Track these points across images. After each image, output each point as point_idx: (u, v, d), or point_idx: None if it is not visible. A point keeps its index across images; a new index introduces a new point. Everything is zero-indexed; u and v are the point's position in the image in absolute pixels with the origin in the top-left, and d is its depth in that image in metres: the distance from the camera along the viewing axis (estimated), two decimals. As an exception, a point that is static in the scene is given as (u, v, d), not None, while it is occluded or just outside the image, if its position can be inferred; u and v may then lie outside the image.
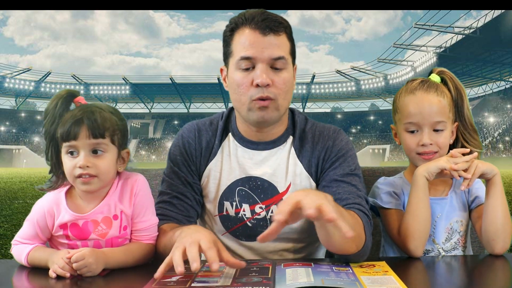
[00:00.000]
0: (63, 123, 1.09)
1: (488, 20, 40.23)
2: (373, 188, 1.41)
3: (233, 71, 1.25)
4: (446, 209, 1.33)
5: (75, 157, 1.09)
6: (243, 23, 1.23)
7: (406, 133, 1.33)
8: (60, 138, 1.09)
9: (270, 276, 0.96)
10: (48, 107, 1.12)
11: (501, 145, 45.90)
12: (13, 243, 1.14)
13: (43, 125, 1.13)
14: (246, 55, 1.20)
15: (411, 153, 1.33)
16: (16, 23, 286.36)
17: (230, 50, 1.26)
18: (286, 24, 1.24)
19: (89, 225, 1.12)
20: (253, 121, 1.26)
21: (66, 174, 1.11)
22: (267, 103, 1.21)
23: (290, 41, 1.27)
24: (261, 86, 1.20)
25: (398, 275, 0.95)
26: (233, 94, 1.27)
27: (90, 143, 1.09)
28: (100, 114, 1.10)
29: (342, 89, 66.82)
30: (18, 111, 68.78)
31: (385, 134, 62.28)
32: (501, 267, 1.15)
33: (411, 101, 1.31)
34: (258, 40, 1.20)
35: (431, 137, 1.29)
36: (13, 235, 5.63)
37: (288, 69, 1.25)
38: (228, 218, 1.35)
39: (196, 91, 67.23)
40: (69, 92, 1.14)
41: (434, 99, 1.29)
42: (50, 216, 1.12)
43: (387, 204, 1.33)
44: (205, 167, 1.36)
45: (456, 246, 1.34)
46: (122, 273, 1.06)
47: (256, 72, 1.20)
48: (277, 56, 1.20)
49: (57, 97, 1.12)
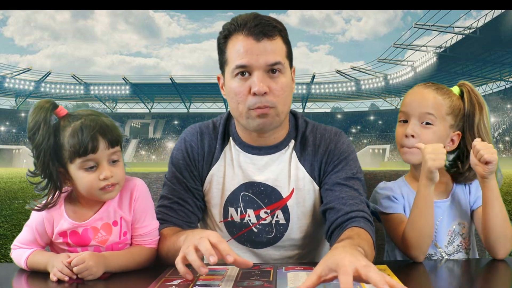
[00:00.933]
0: (70, 137, 1.04)
1: (488, 20, 40.19)
2: (373, 193, 1.41)
3: (230, 80, 1.23)
4: (447, 212, 1.32)
5: (93, 170, 1.06)
6: (235, 29, 1.20)
7: (398, 124, 1.34)
8: (73, 154, 1.04)
9: (271, 279, 0.96)
10: (36, 120, 1.03)
11: (501, 145, 45.98)
12: (12, 247, 1.14)
13: (33, 142, 1.03)
14: (241, 64, 1.18)
15: (398, 146, 1.34)
16: (16, 23, 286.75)
17: (225, 58, 1.24)
18: (280, 27, 1.21)
19: (89, 232, 1.11)
20: (253, 128, 1.25)
21: (83, 188, 1.07)
22: (267, 111, 1.20)
23: (286, 44, 1.24)
24: (258, 95, 1.18)
25: (400, 279, 0.95)
26: (231, 102, 1.25)
27: (108, 154, 1.07)
28: (108, 122, 1.09)
29: (342, 89, 66.76)
30: (18, 111, 68.73)
31: (385, 134, 62.29)
32: (503, 272, 1.15)
33: (408, 93, 1.34)
34: (252, 47, 1.17)
35: (415, 129, 1.28)
36: (13, 235, 5.60)
37: (285, 73, 1.22)
38: (233, 224, 1.34)
39: (196, 91, 67.17)
40: (52, 103, 1.07)
41: (429, 94, 1.30)
42: (49, 223, 1.11)
43: (387, 209, 1.32)
44: (207, 172, 1.35)
45: (459, 249, 1.33)
46: (123, 277, 1.06)
47: (253, 80, 1.18)
48: (273, 62, 1.18)
49: (43, 109, 1.04)
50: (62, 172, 1.08)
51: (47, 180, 1.07)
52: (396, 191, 1.36)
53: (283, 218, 1.32)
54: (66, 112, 1.09)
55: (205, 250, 0.92)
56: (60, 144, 1.05)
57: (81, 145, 1.03)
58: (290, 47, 1.26)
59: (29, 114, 1.05)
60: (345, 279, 0.75)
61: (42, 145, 1.03)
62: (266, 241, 1.33)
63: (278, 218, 1.32)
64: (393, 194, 1.35)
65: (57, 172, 1.07)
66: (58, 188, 1.08)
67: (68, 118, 1.07)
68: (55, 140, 1.05)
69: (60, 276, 0.99)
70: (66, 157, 1.05)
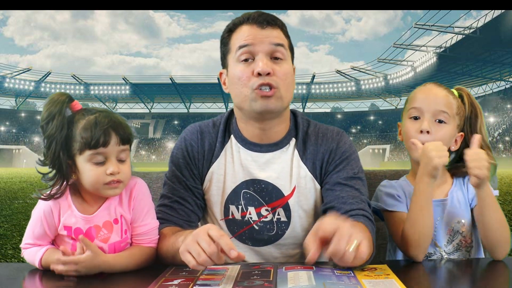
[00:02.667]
0: (83, 130, 1.05)
1: (488, 20, 40.20)
2: (376, 191, 1.41)
3: (233, 66, 1.25)
4: (446, 211, 1.32)
5: (101, 164, 1.07)
6: (240, 22, 1.25)
7: (409, 120, 1.33)
8: (84, 145, 1.05)
9: (271, 279, 0.95)
10: (51, 111, 1.05)
11: (501, 145, 45.90)
12: (23, 246, 1.13)
13: (46, 132, 1.06)
14: (244, 43, 1.21)
15: (407, 143, 1.33)
16: (16, 23, 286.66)
17: (228, 48, 1.27)
18: (282, 23, 1.27)
19: (92, 230, 1.11)
20: (256, 112, 1.24)
21: (88, 182, 1.08)
22: (271, 93, 1.20)
23: (287, 38, 1.28)
24: (262, 75, 1.19)
25: (400, 279, 0.95)
26: (234, 89, 1.25)
27: (118, 150, 1.08)
28: (121, 120, 1.11)
29: (342, 89, 66.81)
30: (18, 111, 68.83)
31: (385, 134, 62.32)
32: (502, 272, 1.15)
33: (420, 90, 1.35)
34: (256, 32, 1.22)
35: (431, 125, 1.29)
36: (13, 235, 5.58)
37: (287, 61, 1.25)
38: (234, 222, 1.34)
39: (196, 91, 67.24)
40: (68, 96, 1.09)
41: (442, 92, 1.32)
42: (57, 211, 1.10)
43: (390, 206, 1.33)
44: (207, 170, 1.35)
45: (459, 248, 1.32)
46: (123, 277, 1.06)
47: (257, 62, 1.20)
48: (277, 42, 1.22)
49: (59, 101, 1.07)
50: (70, 164, 1.09)
51: (55, 171, 1.08)
52: (399, 189, 1.36)
53: (284, 216, 1.32)
54: (81, 107, 1.12)
55: (205, 242, 0.94)
56: (72, 136, 1.07)
57: (93, 138, 1.04)
58: (291, 43, 1.30)
59: (44, 104, 1.08)
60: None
61: (55, 136, 1.05)
62: (267, 239, 1.33)
63: (280, 216, 1.32)
64: (396, 193, 1.35)
65: (67, 163, 1.08)
66: (65, 179, 1.09)
67: (83, 112, 1.10)
68: (67, 131, 1.07)
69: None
70: (76, 148, 1.06)
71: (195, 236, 0.96)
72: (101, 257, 1.05)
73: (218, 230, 0.96)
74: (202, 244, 0.94)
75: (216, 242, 0.94)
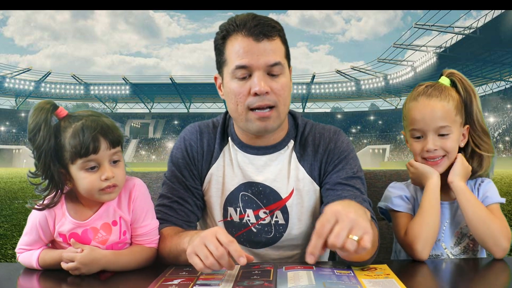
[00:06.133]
0: (71, 139, 1.04)
1: (488, 20, 40.17)
2: (386, 192, 1.41)
3: (229, 81, 1.22)
4: (455, 213, 1.33)
5: (95, 171, 1.06)
6: (234, 29, 1.19)
7: (412, 139, 1.33)
8: (74, 154, 1.03)
9: (271, 279, 0.96)
10: (36, 121, 1.02)
11: (501, 145, 45.92)
12: (17, 251, 1.13)
13: (34, 143, 1.03)
14: (241, 64, 1.17)
15: (418, 158, 1.33)
16: (16, 23, 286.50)
17: (223, 58, 1.23)
18: (279, 27, 1.21)
19: (89, 232, 1.10)
20: (252, 132, 1.24)
21: (83, 189, 1.07)
22: (269, 114, 1.19)
23: (284, 44, 1.24)
24: (259, 95, 1.17)
25: (401, 279, 0.95)
26: (230, 103, 1.24)
27: (110, 154, 1.07)
28: (109, 122, 1.09)
29: (342, 89, 66.76)
30: (18, 111, 68.72)
31: (385, 134, 62.29)
32: (502, 272, 1.15)
33: (414, 108, 1.31)
34: (252, 47, 1.16)
35: (435, 142, 1.29)
36: (13, 235, 5.58)
37: (285, 73, 1.22)
38: (232, 224, 1.34)
39: (196, 91, 67.16)
40: (52, 104, 1.06)
41: (437, 104, 1.28)
42: (51, 219, 1.10)
43: (397, 207, 1.33)
44: (207, 171, 1.35)
45: (466, 251, 1.32)
46: (123, 277, 1.06)
47: (253, 80, 1.17)
48: (273, 63, 1.18)
49: (43, 110, 1.04)
50: (63, 172, 1.08)
51: (48, 181, 1.07)
52: (407, 192, 1.37)
53: (282, 219, 1.32)
54: (67, 113, 1.09)
55: (213, 245, 0.93)
56: (61, 145, 1.05)
57: (82, 146, 1.03)
58: (288, 48, 1.26)
59: (29, 116, 1.04)
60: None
61: (43, 147, 1.03)
62: (265, 241, 1.33)
63: (278, 218, 1.32)
64: (405, 194, 1.36)
65: (59, 173, 1.07)
66: (59, 189, 1.08)
67: (69, 119, 1.07)
68: (56, 141, 1.05)
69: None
70: (67, 158, 1.05)
71: (203, 238, 0.95)
72: (98, 251, 1.05)
73: (227, 234, 0.95)
74: (210, 247, 0.93)
75: (224, 246, 0.93)
